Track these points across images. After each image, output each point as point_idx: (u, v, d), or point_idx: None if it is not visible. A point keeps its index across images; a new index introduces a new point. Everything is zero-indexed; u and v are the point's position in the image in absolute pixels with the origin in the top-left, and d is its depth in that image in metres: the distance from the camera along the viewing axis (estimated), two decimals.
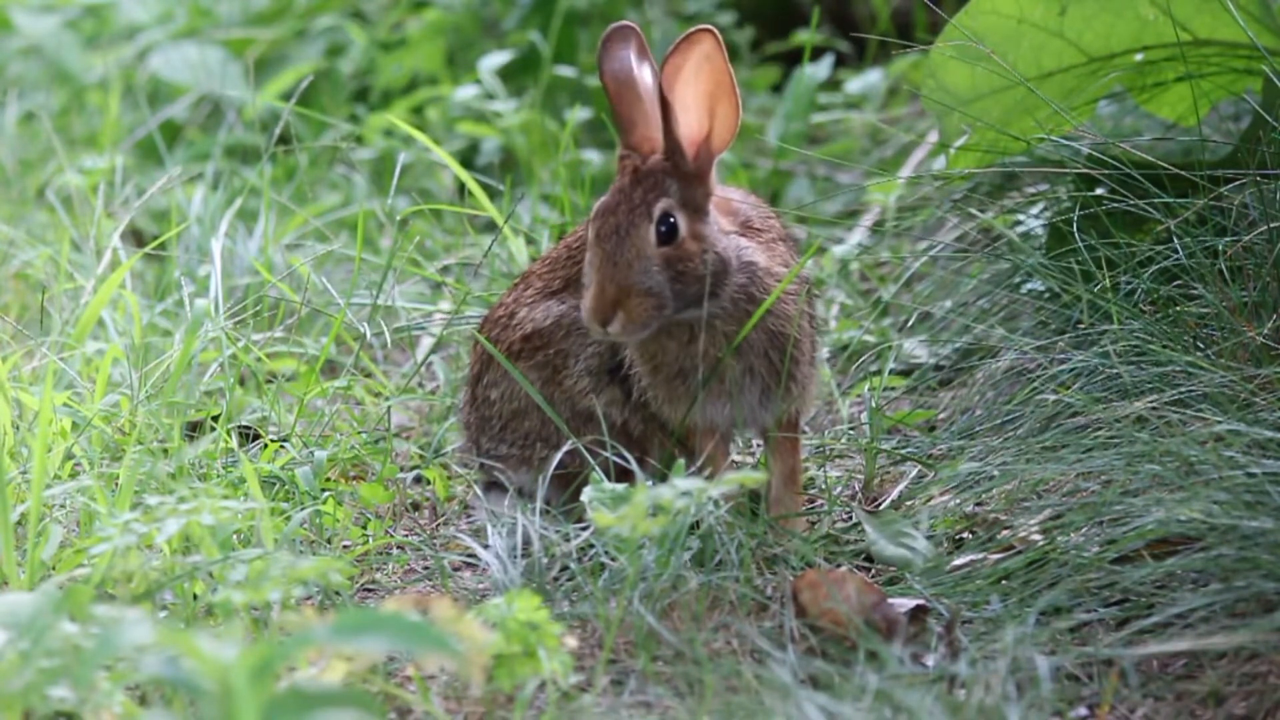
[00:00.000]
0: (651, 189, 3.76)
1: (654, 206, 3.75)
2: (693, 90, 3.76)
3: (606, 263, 3.73)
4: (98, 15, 7.31)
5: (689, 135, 3.78)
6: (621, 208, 3.76)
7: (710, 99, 3.77)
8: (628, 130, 3.81)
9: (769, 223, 3.94)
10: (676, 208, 3.76)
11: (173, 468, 3.92)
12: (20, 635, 3.06)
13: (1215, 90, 4.45)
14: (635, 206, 3.75)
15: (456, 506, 4.24)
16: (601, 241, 3.75)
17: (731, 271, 3.79)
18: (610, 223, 3.75)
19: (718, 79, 3.76)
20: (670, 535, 3.53)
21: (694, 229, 3.77)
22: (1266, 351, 3.94)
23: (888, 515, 3.92)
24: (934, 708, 3.18)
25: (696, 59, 3.74)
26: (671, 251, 3.75)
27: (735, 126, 3.79)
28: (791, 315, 3.84)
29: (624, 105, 3.82)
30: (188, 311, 4.37)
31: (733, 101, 3.77)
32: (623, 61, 3.83)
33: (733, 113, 3.78)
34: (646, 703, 3.35)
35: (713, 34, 3.74)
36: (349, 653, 3.17)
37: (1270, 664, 3.32)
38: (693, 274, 3.75)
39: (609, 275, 3.73)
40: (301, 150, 5.78)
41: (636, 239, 3.74)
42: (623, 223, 3.75)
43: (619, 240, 3.74)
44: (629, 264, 3.73)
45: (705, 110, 3.78)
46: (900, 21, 6.56)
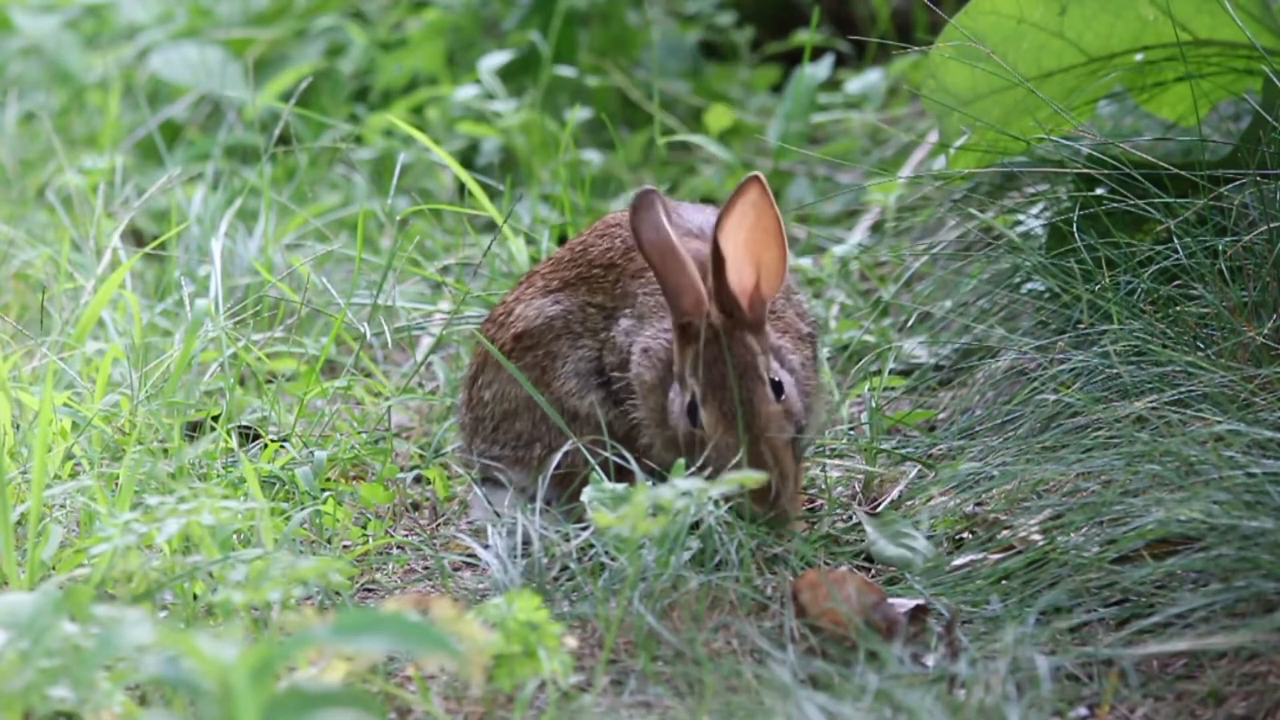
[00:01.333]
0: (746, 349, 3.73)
1: (759, 367, 3.72)
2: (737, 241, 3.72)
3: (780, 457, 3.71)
4: (98, 15, 7.30)
5: (742, 288, 3.74)
6: (729, 378, 3.71)
7: (755, 248, 3.73)
8: (677, 296, 3.74)
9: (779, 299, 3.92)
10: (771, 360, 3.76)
11: (173, 468, 3.92)
12: (20, 635, 3.06)
13: (1215, 90, 4.45)
14: (744, 370, 3.72)
15: (456, 506, 4.24)
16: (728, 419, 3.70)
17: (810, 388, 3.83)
18: (729, 400, 3.71)
19: (764, 225, 3.72)
20: (670, 535, 3.53)
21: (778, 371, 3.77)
22: (1266, 351, 3.94)
23: (888, 515, 3.92)
24: (934, 708, 3.18)
25: (743, 207, 3.70)
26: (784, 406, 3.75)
27: (784, 272, 3.76)
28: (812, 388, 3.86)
29: (669, 272, 3.75)
30: (188, 311, 4.37)
31: (780, 248, 3.73)
32: (659, 228, 3.75)
33: (780, 259, 3.74)
34: (646, 703, 3.35)
35: (760, 181, 3.70)
36: (349, 653, 3.17)
37: (1270, 664, 3.32)
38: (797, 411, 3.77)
39: (785, 468, 3.71)
40: (301, 150, 5.77)
41: (760, 405, 3.72)
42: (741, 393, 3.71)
43: (751, 412, 3.70)
44: (764, 429, 3.71)
45: (750, 259, 3.73)
46: (900, 21, 6.57)
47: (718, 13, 6.75)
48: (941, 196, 4.83)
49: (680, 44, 6.62)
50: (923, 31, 6.34)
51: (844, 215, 5.71)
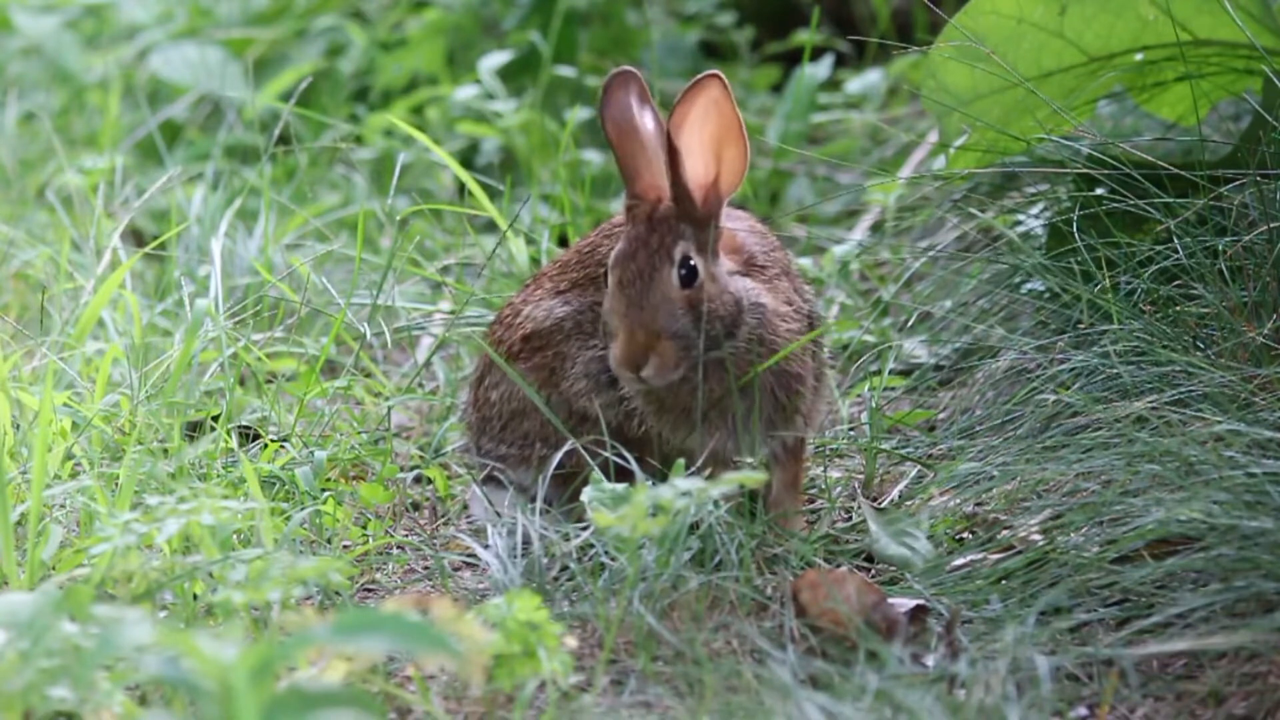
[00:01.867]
0: (668, 233, 3.76)
1: (673, 250, 3.75)
2: (699, 136, 3.75)
3: (633, 308, 3.73)
4: (98, 15, 7.30)
5: (696, 180, 3.77)
6: (640, 254, 3.75)
7: (717, 143, 3.76)
8: (633, 178, 3.80)
9: (773, 256, 3.94)
10: (695, 251, 3.76)
11: (173, 468, 3.92)
12: (20, 635, 3.06)
13: (1215, 90, 4.45)
14: (655, 251, 3.75)
15: (456, 507, 4.24)
16: (625, 288, 3.74)
17: (744, 312, 3.80)
18: (632, 268, 3.74)
19: (725, 123, 3.75)
20: (670, 535, 3.53)
21: (710, 271, 3.77)
22: (1266, 351, 3.94)
23: (891, 513, 3.92)
24: (934, 708, 3.18)
25: (704, 104, 3.72)
26: (693, 294, 3.75)
27: (743, 170, 3.78)
28: (796, 353, 3.84)
29: (628, 153, 3.80)
30: (188, 311, 4.37)
31: (740, 146, 3.76)
32: (625, 109, 3.81)
33: (740, 157, 3.77)
34: (646, 703, 3.35)
35: (720, 79, 3.73)
36: (349, 653, 3.17)
37: (1270, 664, 3.32)
38: (714, 315, 3.76)
39: (637, 321, 3.73)
40: (301, 150, 5.77)
41: (661, 283, 3.74)
42: (644, 268, 3.74)
43: (643, 285, 3.74)
44: (656, 308, 3.73)
45: (712, 155, 3.76)
46: (900, 21, 6.56)
47: (718, 13, 6.75)
48: (941, 196, 4.83)
49: (680, 44, 6.62)
50: (923, 31, 6.34)
51: (844, 215, 5.71)
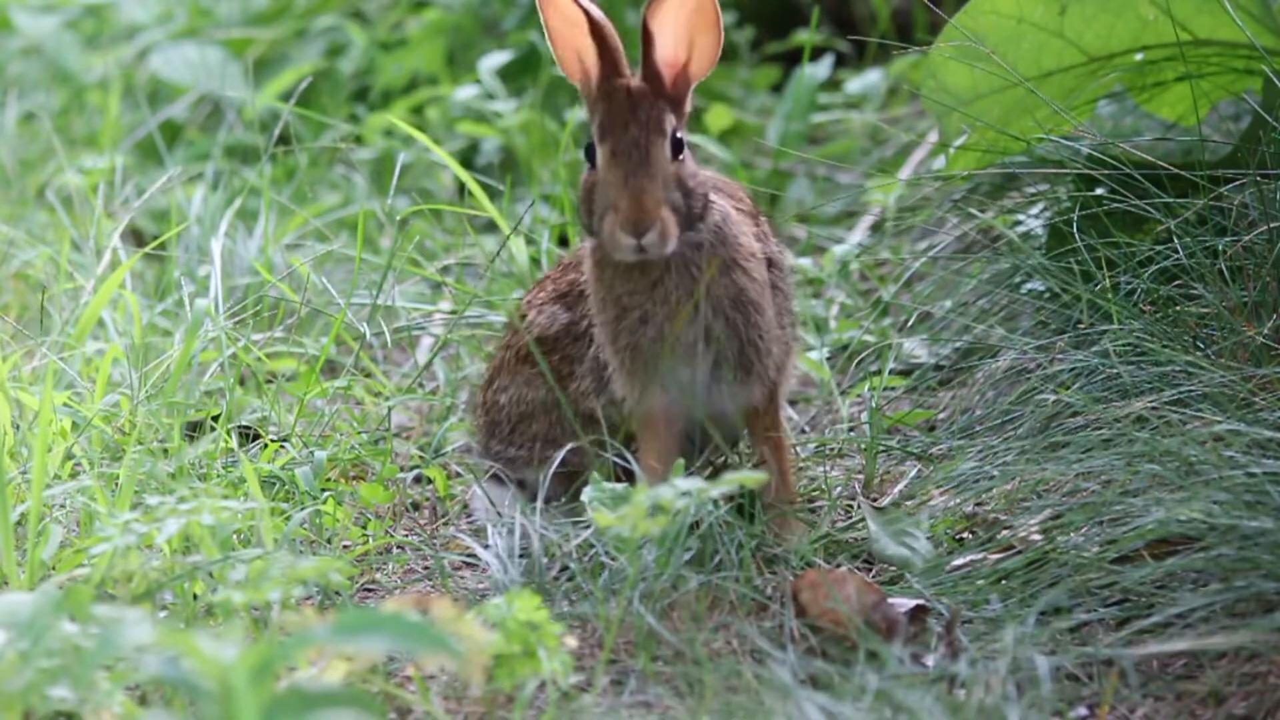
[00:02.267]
0: (653, 107, 3.77)
1: (663, 121, 3.76)
2: (674, 18, 3.77)
3: (635, 175, 3.71)
4: (98, 15, 7.30)
5: (666, 60, 3.79)
6: (633, 125, 3.75)
7: (691, 29, 3.78)
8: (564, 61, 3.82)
9: (740, 196, 3.96)
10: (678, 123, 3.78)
11: (173, 468, 3.92)
12: (20, 635, 3.06)
13: (1215, 90, 4.45)
14: (645, 123, 3.75)
15: (456, 507, 4.24)
16: (621, 157, 3.73)
17: (705, 206, 3.80)
18: (627, 138, 3.74)
19: (702, 10, 3.78)
20: (670, 535, 3.53)
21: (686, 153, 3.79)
22: (1266, 351, 3.94)
23: (891, 513, 3.92)
24: (934, 708, 3.18)
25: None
26: (680, 168, 3.76)
27: (715, 57, 3.81)
28: (756, 279, 3.83)
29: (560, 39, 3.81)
30: (188, 311, 4.37)
31: (715, 33, 3.79)
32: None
33: (713, 43, 3.80)
34: (646, 703, 3.35)
35: None
36: (349, 653, 3.17)
37: (1270, 664, 3.32)
38: (694, 194, 3.77)
39: (640, 187, 3.71)
40: (301, 150, 5.77)
41: (655, 153, 3.74)
42: (639, 137, 3.74)
43: (640, 154, 3.73)
44: (654, 177, 3.72)
45: (685, 39, 3.78)
46: (900, 21, 6.56)
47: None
48: (941, 196, 4.83)
49: None
50: (923, 31, 6.34)
51: (844, 215, 5.71)
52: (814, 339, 4.77)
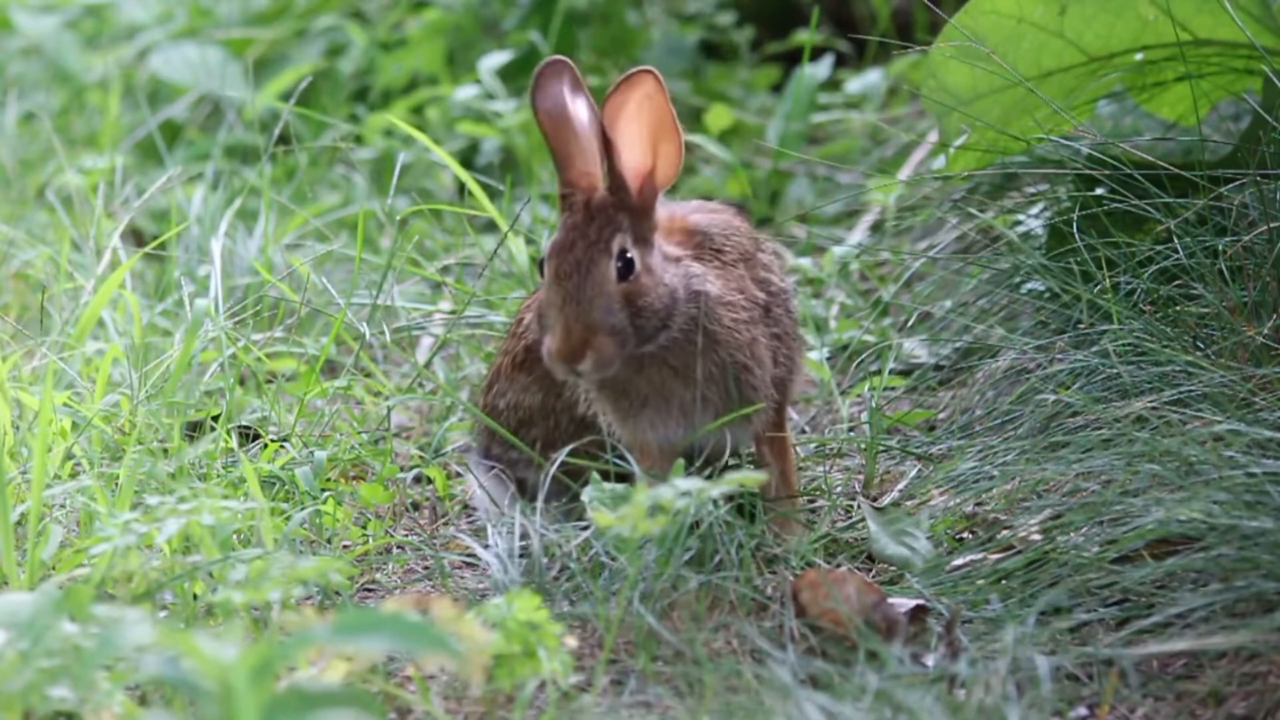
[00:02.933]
0: (606, 224, 3.72)
1: (611, 242, 3.72)
2: (635, 127, 3.73)
3: (570, 302, 3.69)
4: (98, 15, 7.30)
5: (633, 169, 3.74)
6: (579, 245, 3.71)
7: (653, 136, 3.74)
8: (565, 166, 3.76)
9: (733, 241, 3.91)
10: (631, 243, 3.73)
11: (173, 468, 3.92)
12: (20, 635, 3.06)
13: (1215, 90, 4.45)
14: (593, 243, 3.71)
15: (456, 507, 4.24)
16: (562, 280, 3.70)
17: (680, 302, 3.77)
18: (569, 260, 3.71)
19: (660, 117, 3.73)
20: (670, 535, 3.53)
21: (645, 263, 3.74)
22: (1266, 351, 3.94)
23: (891, 512, 3.92)
24: (934, 708, 3.18)
25: (638, 98, 3.70)
26: (630, 287, 3.72)
27: (679, 163, 3.76)
28: (742, 343, 3.82)
29: (561, 141, 3.77)
30: (188, 311, 4.37)
31: (676, 140, 3.74)
32: (556, 97, 3.78)
33: (675, 150, 3.75)
34: (646, 703, 3.35)
35: (654, 75, 3.71)
36: (349, 653, 3.17)
37: (1270, 664, 3.32)
38: (649, 309, 3.73)
39: (574, 315, 3.69)
40: (301, 150, 5.77)
41: (598, 276, 3.70)
42: (582, 260, 3.70)
43: (581, 278, 3.70)
44: (592, 302, 3.69)
45: (648, 147, 3.74)
46: (900, 21, 6.56)
47: (718, 13, 6.75)
48: (941, 196, 4.83)
49: (680, 44, 6.62)
50: (923, 31, 6.34)
51: (844, 215, 5.71)
52: (814, 339, 4.77)
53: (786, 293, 3.97)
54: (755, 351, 3.84)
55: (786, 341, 3.93)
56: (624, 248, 3.72)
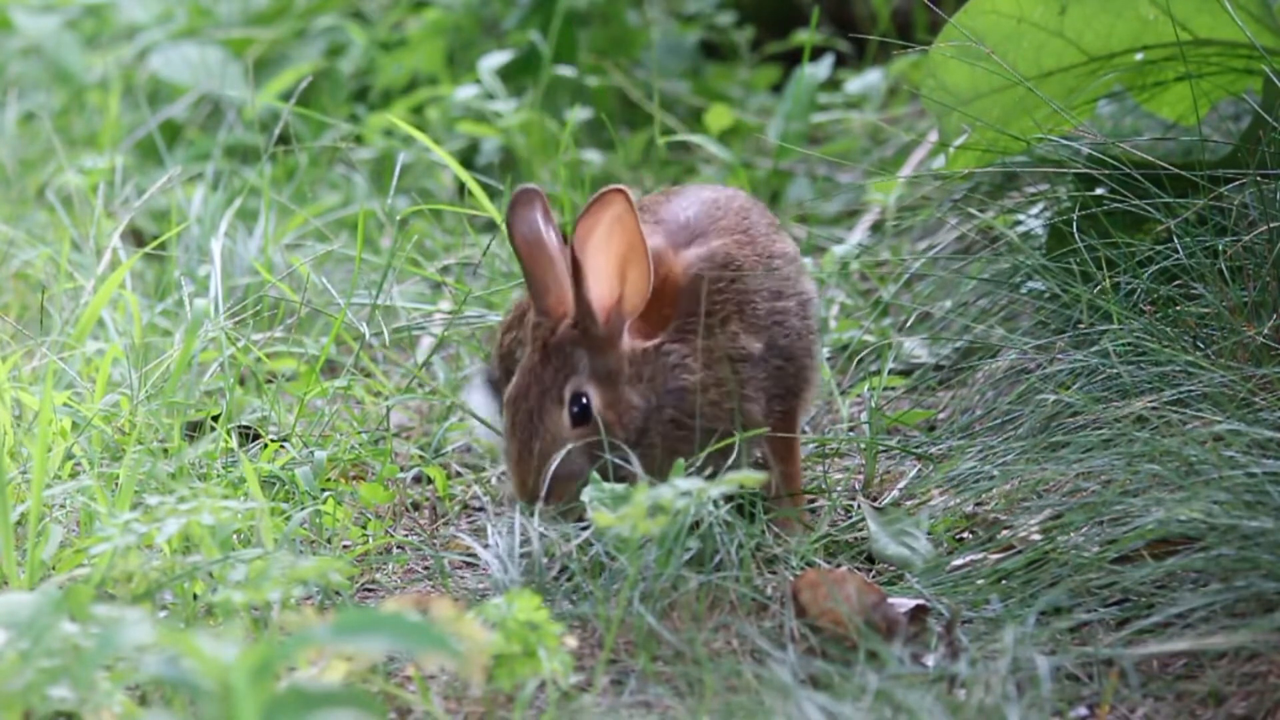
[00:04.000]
0: (561, 367, 3.71)
1: (564, 389, 3.71)
2: (604, 254, 3.69)
3: (524, 455, 3.71)
4: (98, 15, 7.30)
5: (600, 300, 3.71)
6: (532, 392, 3.71)
7: (622, 262, 3.71)
8: (541, 295, 3.75)
9: (723, 296, 3.84)
10: (588, 383, 3.72)
11: (173, 468, 3.92)
12: (20, 635, 3.06)
13: (1215, 90, 4.45)
14: (546, 390, 3.71)
15: (456, 506, 4.24)
16: (516, 431, 3.71)
17: (655, 408, 3.75)
18: (523, 410, 3.71)
19: (629, 241, 3.69)
20: (670, 535, 3.53)
21: (609, 398, 3.73)
22: (1266, 351, 3.94)
23: (891, 512, 3.92)
24: (934, 707, 3.18)
25: (609, 220, 3.68)
26: (589, 430, 3.72)
27: (647, 290, 3.72)
28: (724, 416, 3.79)
29: (537, 270, 3.75)
30: (188, 311, 4.37)
31: (644, 263, 3.70)
32: (532, 224, 3.76)
33: (644, 276, 3.71)
34: (646, 703, 3.35)
35: (623, 194, 3.67)
36: (349, 653, 3.17)
37: (1270, 664, 3.32)
38: (615, 435, 3.73)
39: (528, 468, 3.70)
40: (301, 150, 5.77)
41: (550, 426, 3.70)
42: (535, 409, 3.71)
43: (532, 430, 3.70)
44: (545, 455, 3.69)
45: (616, 274, 3.71)
46: (900, 21, 6.56)
47: (718, 13, 6.75)
48: (941, 196, 4.83)
49: (680, 44, 6.62)
50: (923, 31, 6.34)
51: (844, 215, 5.71)
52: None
53: (798, 307, 3.92)
54: (745, 410, 3.82)
55: (795, 355, 3.89)
56: (577, 392, 3.71)
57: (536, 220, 3.76)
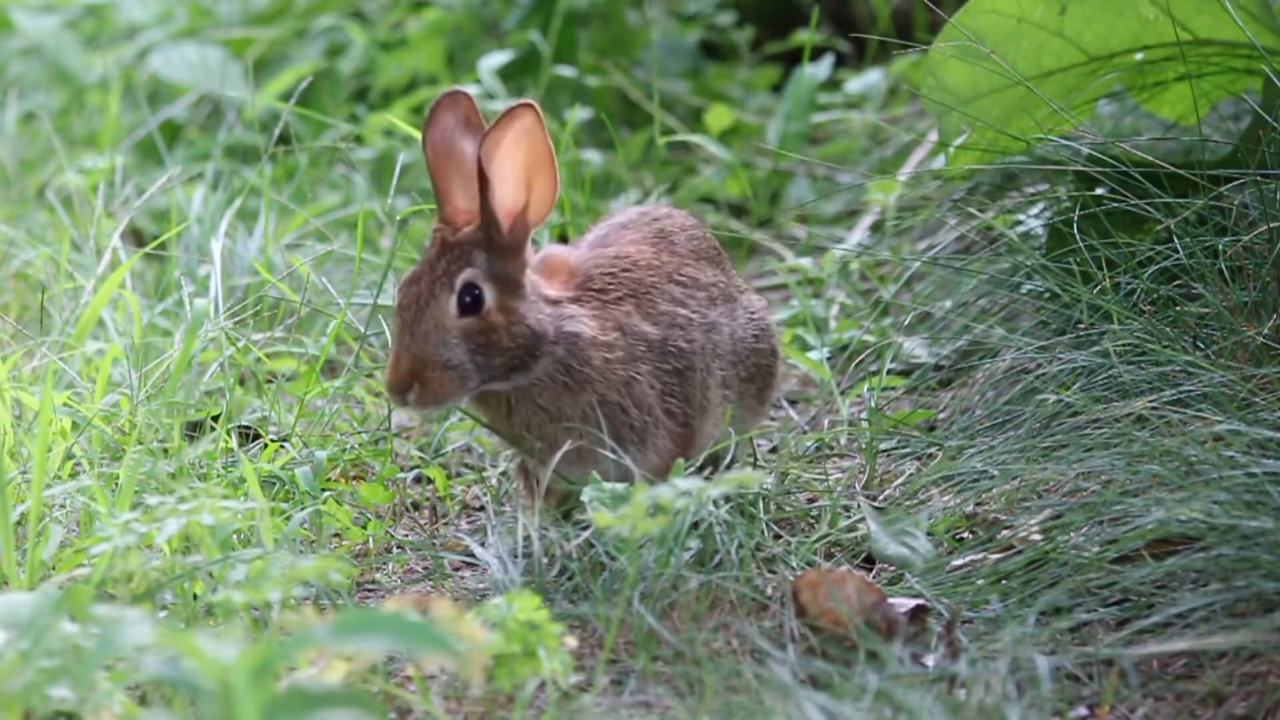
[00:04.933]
0: (457, 259, 3.72)
1: (457, 277, 3.71)
2: (511, 163, 3.71)
3: (404, 333, 3.70)
4: (98, 15, 7.31)
5: (505, 207, 3.73)
6: (425, 278, 3.72)
7: (528, 172, 3.73)
8: (444, 202, 3.77)
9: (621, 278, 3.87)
10: (483, 279, 3.72)
11: (173, 468, 3.92)
12: (20, 635, 3.06)
13: (1215, 90, 4.45)
14: (438, 277, 3.71)
15: (456, 506, 4.24)
16: (402, 312, 3.71)
17: (546, 344, 3.75)
18: (412, 293, 3.72)
19: (537, 153, 3.71)
20: (670, 535, 3.53)
21: (503, 302, 3.73)
22: (1266, 351, 3.94)
23: (891, 512, 3.92)
24: (934, 708, 3.18)
25: (516, 133, 3.69)
26: (474, 323, 3.71)
27: (553, 200, 3.75)
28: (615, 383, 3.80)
29: (442, 176, 3.77)
30: (188, 311, 4.37)
31: (550, 175, 3.73)
32: (446, 131, 3.77)
33: (550, 187, 3.73)
34: (646, 702, 3.35)
35: (533, 109, 3.70)
36: (349, 652, 3.17)
37: (1270, 664, 3.32)
38: (497, 346, 3.72)
39: (405, 346, 3.70)
40: (301, 150, 5.78)
41: (436, 310, 3.70)
42: (424, 293, 3.71)
43: (419, 311, 3.70)
44: (426, 335, 3.69)
45: (523, 183, 3.73)
46: (900, 21, 6.57)
47: (718, 13, 6.75)
48: (941, 196, 4.83)
49: (680, 44, 6.62)
50: (923, 31, 6.34)
51: (844, 215, 5.71)
52: (814, 339, 4.78)
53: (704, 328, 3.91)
54: (633, 392, 3.81)
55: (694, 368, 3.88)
56: (471, 283, 3.72)
57: (451, 126, 3.78)
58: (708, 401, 3.91)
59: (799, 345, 4.80)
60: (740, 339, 3.98)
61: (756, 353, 4.00)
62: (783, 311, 5.02)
